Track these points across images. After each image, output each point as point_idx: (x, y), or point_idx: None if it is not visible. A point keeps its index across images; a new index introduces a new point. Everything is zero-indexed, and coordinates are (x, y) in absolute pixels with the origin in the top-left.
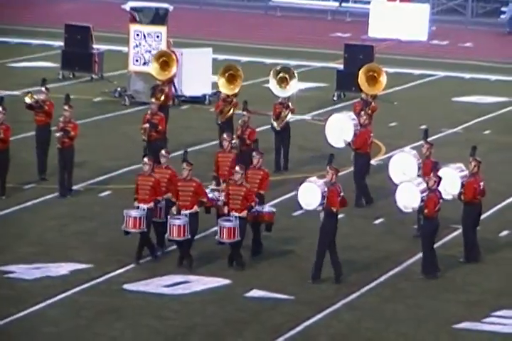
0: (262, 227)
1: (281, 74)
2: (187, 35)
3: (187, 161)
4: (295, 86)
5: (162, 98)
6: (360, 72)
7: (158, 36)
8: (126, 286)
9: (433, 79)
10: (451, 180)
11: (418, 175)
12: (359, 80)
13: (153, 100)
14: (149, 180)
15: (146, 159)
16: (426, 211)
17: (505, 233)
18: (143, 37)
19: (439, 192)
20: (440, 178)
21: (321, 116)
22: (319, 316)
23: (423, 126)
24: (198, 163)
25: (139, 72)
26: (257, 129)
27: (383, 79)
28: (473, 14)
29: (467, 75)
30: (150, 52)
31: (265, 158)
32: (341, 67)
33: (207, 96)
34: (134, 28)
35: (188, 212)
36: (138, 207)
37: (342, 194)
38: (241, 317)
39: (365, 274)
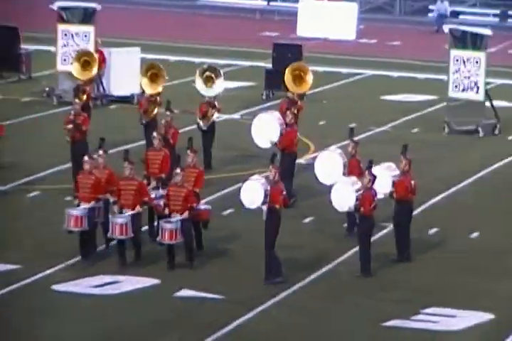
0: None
1: (207, 74)
2: (115, 35)
3: (128, 160)
4: (221, 85)
5: (84, 98)
6: (287, 71)
7: (86, 36)
8: (55, 287)
9: (361, 78)
10: (382, 179)
11: (343, 174)
12: (285, 79)
13: (76, 100)
14: (90, 178)
15: (126, 163)
16: (362, 209)
17: (433, 231)
18: (71, 36)
19: (375, 191)
20: (375, 177)
21: (250, 115)
22: (249, 315)
23: (352, 125)
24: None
25: (67, 72)
26: (187, 128)
27: (309, 78)
28: (402, 12)
29: (395, 74)
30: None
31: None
32: (270, 66)
33: (135, 96)
34: (61, 27)
35: (130, 212)
36: (78, 205)
37: (284, 193)
38: (170, 317)
39: (296, 272)
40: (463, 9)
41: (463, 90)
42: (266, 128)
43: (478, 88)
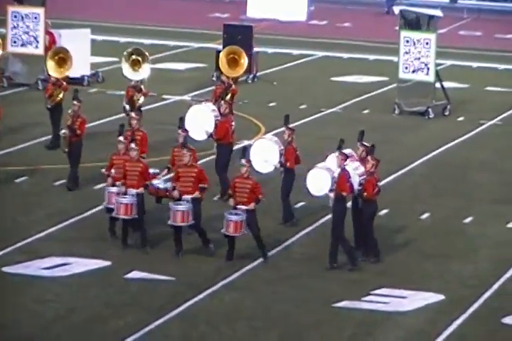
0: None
1: (133, 57)
2: (65, 17)
3: (186, 146)
4: (148, 69)
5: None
6: (221, 54)
7: (36, 17)
8: (5, 269)
9: (312, 59)
10: (322, 178)
11: (279, 162)
12: (220, 63)
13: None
14: (137, 165)
15: (243, 161)
16: (365, 194)
17: (384, 212)
18: (21, 18)
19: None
20: (378, 161)
21: (201, 97)
22: (200, 297)
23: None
24: (87, 144)
25: (17, 54)
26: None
27: (244, 61)
28: None
29: (346, 55)
30: (28, 33)
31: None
32: (220, 47)
33: (86, 78)
34: (11, 9)
35: (189, 197)
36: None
37: (351, 179)
38: (121, 299)
39: (246, 255)
40: None
41: (413, 71)
42: (200, 120)
43: (428, 69)
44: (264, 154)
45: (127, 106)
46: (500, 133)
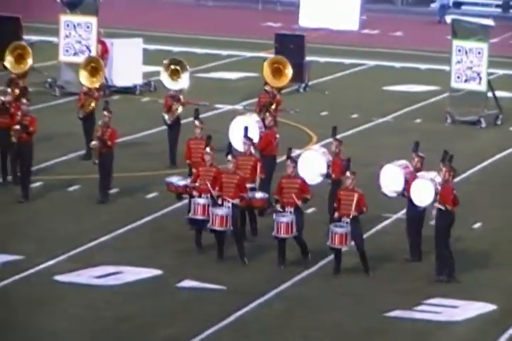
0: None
1: (172, 67)
2: (118, 26)
3: (232, 154)
4: (187, 79)
5: (17, 92)
6: (265, 64)
7: (88, 26)
8: (57, 277)
9: (364, 69)
10: (395, 177)
11: (327, 174)
12: (264, 73)
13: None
14: (234, 177)
15: (230, 157)
16: (447, 205)
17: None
18: (73, 27)
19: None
20: (452, 169)
21: (252, 107)
22: (251, 306)
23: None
24: (135, 153)
25: (69, 63)
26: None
27: (289, 71)
28: (404, 3)
29: (397, 64)
30: (80, 42)
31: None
32: (272, 56)
33: (138, 87)
34: (64, 18)
35: (230, 202)
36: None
37: (454, 191)
38: (173, 308)
39: (296, 264)
40: (466, 0)
41: (465, 81)
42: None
43: (480, 78)
44: (312, 165)
45: (166, 116)
46: None
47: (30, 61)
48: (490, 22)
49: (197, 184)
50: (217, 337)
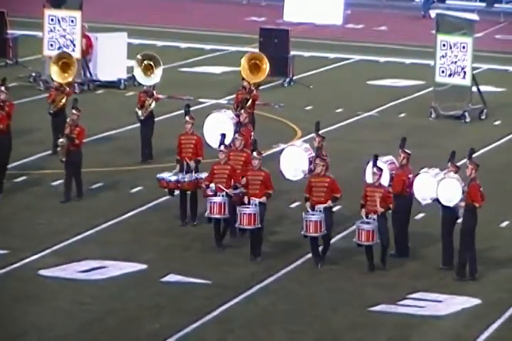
0: None
1: (145, 62)
2: (102, 20)
3: (257, 150)
4: (160, 74)
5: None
6: (243, 60)
7: (72, 21)
8: (42, 272)
9: (348, 63)
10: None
11: (309, 170)
12: (241, 68)
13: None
14: (260, 174)
15: (255, 153)
16: (476, 203)
17: (420, 216)
18: (57, 21)
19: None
20: (458, 168)
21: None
22: (235, 300)
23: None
24: (118, 147)
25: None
26: (174, 113)
27: (266, 67)
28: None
29: (382, 59)
30: (65, 37)
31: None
32: (257, 51)
33: (122, 81)
34: (48, 12)
35: (257, 200)
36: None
37: (481, 189)
38: (158, 302)
39: (281, 258)
40: None
41: (450, 75)
42: (219, 128)
43: (465, 73)
44: (294, 161)
45: (139, 112)
46: None
47: (75, 70)
48: (474, 16)
49: (212, 184)
50: (202, 331)
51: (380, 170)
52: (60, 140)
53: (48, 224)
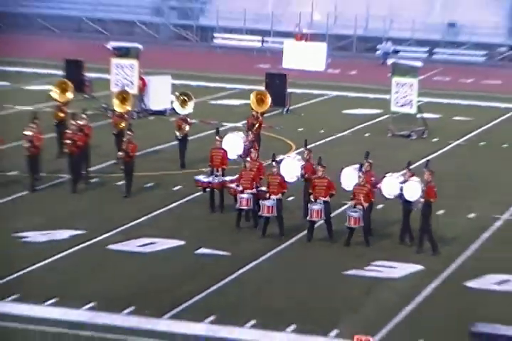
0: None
1: (182, 97)
2: (153, 66)
3: (276, 160)
4: (192, 106)
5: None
6: (251, 95)
7: (132, 67)
8: (109, 246)
9: (329, 98)
10: (352, 176)
11: (301, 174)
12: (250, 101)
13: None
14: (277, 178)
15: (274, 163)
16: (431, 199)
17: (380, 206)
18: (121, 67)
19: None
20: (433, 172)
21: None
22: (248, 267)
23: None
24: (161, 158)
25: None
26: (203, 134)
27: (268, 100)
28: (357, 50)
29: (353, 94)
30: (126, 78)
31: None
32: (263, 88)
33: (167, 110)
34: (114, 61)
35: (275, 197)
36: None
37: (435, 189)
38: (192, 268)
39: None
40: (401, 48)
41: (401, 106)
42: (234, 144)
43: (412, 104)
44: (290, 169)
45: (177, 133)
46: (463, 150)
47: (131, 103)
48: (419, 63)
49: (240, 186)
50: (225, 290)
51: (362, 172)
52: (119, 153)
53: (114, 212)
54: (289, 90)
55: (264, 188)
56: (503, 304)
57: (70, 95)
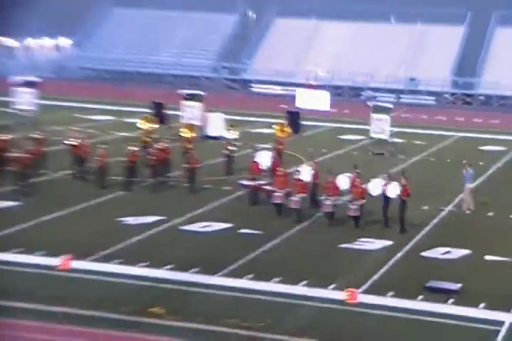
0: None
1: (229, 127)
2: (211, 106)
3: (330, 172)
4: (237, 133)
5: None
6: (276, 126)
7: (197, 107)
8: (181, 227)
9: (330, 128)
10: (345, 181)
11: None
12: (275, 130)
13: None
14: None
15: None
16: (404, 197)
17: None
18: (189, 107)
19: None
20: (407, 178)
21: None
22: (275, 242)
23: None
24: (214, 169)
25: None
26: (244, 152)
27: (288, 130)
28: (348, 96)
29: (345, 125)
30: (193, 115)
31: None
32: (284, 121)
33: (221, 137)
34: (185, 103)
35: (301, 195)
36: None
37: (409, 191)
38: (236, 242)
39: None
40: (378, 94)
41: (378, 133)
42: (264, 159)
43: (385, 133)
44: (342, 180)
45: (226, 152)
46: (420, 164)
47: (195, 132)
48: (390, 105)
49: (277, 189)
50: (259, 260)
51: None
52: (186, 165)
53: (183, 204)
54: (302, 122)
55: (289, 189)
56: (447, 267)
57: (155, 126)
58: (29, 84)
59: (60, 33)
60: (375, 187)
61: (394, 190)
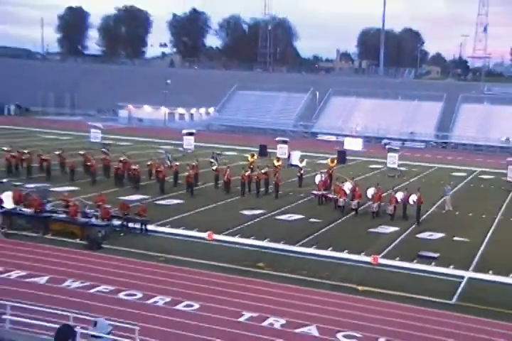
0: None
1: (302, 159)
2: (293, 148)
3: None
4: (305, 163)
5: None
6: (328, 160)
7: (284, 148)
8: (276, 217)
9: (361, 161)
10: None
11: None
12: (329, 162)
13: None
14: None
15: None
16: (419, 203)
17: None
18: (281, 148)
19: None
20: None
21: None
22: (329, 226)
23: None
24: (295, 184)
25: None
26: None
27: (335, 161)
28: (373, 142)
29: (371, 159)
30: (283, 152)
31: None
32: (335, 156)
33: (298, 165)
34: (279, 145)
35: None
36: None
37: (422, 199)
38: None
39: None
40: (391, 141)
41: (391, 164)
42: (319, 179)
43: (395, 164)
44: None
45: (299, 174)
46: (416, 183)
47: (281, 162)
48: (398, 148)
49: (336, 195)
50: (319, 236)
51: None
52: (274, 181)
53: (274, 205)
54: (347, 157)
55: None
56: (431, 243)
57: (255, 158)
58: (190, 134)
59: (208, 104)
60: (370, 191)
61: (412, 199)
